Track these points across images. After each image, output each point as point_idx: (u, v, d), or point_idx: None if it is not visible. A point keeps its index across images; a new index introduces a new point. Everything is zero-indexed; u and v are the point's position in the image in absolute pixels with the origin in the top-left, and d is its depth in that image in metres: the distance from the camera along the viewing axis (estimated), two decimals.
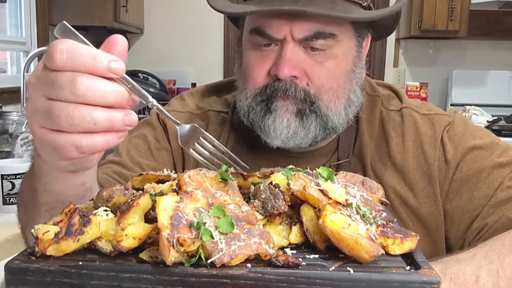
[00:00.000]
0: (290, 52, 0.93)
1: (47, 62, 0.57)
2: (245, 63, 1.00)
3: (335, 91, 0.96)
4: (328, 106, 0.96)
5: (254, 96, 0.98)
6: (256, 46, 0.97)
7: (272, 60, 0.95)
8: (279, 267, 0.51)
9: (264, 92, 0.97)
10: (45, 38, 3.13)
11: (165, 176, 0.68)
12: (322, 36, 0.93)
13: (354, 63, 0.99)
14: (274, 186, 0.60)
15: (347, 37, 0.97)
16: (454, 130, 1.02)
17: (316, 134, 0.97)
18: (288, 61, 0.92)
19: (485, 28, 3.79)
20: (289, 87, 0.93)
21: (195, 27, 3.79)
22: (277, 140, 0.97)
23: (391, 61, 3.93)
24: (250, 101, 0.98)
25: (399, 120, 1.04)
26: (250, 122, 1.00)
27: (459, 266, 0.74)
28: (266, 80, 0.96)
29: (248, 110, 0.99)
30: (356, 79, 1.01)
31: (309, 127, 0.96)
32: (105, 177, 1.01)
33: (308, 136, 0.97)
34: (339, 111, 0.98)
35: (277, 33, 0.93)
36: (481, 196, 0.96)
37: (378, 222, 0.60)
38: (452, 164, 0.99)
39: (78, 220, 0.54)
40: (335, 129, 0.99)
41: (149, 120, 1.15)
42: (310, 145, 1.01)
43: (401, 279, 0.51)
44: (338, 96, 0.97)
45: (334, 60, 0.95)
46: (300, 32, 0.92)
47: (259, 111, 0.98)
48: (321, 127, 0.97)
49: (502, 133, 3.16)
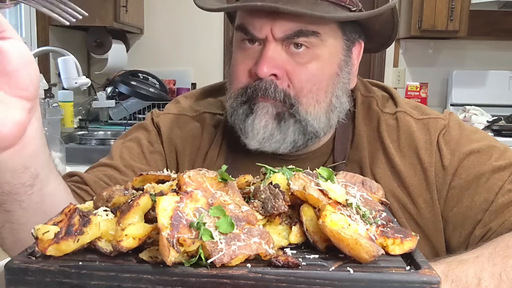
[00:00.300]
0: (271, 51, 0.93)
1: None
2: (232, 62, 1.01)
3: (315, 94, 0.96)
4: (307, 110, 0.95)
5: (236, 97, 0.98)
6: (241, 43, 0.98)
7: (254, 59, 0.95)
8: (279, 267, 0.51)
9: (245, 93, 0.97)
10: (45, 38, 3.13)
11: (165, 176, 0.68)
12: (303, 34, 0.92)
13: (340, 66, 0.98)
14: (274, 186, 0.60)
15: (333, 37, 0.96)
16: (450, 134, 1.01)
17: (295, 139, 0.97)
18: (268, 60, 0.92)
19: (485, 28, 3.79)
20: (269, 87, 0.93)
21: (195, 27, 3.79)
22: (253, 141, 0.96)
23: (391, 61, 3.93)
24: (232, 102, 0.99)
25: (394, 124, 1.03)
26: (233, 123, 1.00)
27: (462, 267, 0.74)
28: (248, 80, 0.97)
29: (231, 111, 1.00)
30: (341, 83, 0.99)
31: (286, 131, 0.96)
32: (96, 180, 1.01)
33: (286, 140, 0.97)
34: (319, 116, 0.97)
35: (259, 32, 0.94)
36: (482, 201, 0.95)
37: (378, 222, 0.60)
38: (449, 170, 0.98)
39: (78, 220, 0.54)
40: (316, 134, 0.98)
41: (143, 124, 1.15)
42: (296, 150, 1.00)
43: (401, 279, 0.51)
44: (318, 100, 0.96)
45: (317, 61, 0.95)
46: (281, 31, 0.92)
47: (241, 114, 0.98)
48: (300, 132, 0.96)
49: (502, 133, 3.16)
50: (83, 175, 1.02)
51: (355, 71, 1.04)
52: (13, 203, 0.74)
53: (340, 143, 1.04)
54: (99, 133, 3.18)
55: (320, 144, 1.05)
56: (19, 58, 0.64)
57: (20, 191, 0.73)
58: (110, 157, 1.10)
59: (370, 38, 1.05)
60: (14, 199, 0.74)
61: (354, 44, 1.02)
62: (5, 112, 0.64)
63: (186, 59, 3.84)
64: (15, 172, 0.71)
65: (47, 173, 0.77)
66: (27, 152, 0.71)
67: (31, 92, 0.67)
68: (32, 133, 0.69)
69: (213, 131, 1.11)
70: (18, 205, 0.74)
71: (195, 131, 1.11)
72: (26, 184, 0.73)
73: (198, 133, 1.11)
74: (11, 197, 0.73)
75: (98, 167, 1.07)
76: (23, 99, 0.66)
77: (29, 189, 0.74)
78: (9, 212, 0.75)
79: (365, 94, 1.09)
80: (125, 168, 1.06)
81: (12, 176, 0.71)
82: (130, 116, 3.37)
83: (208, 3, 0.98)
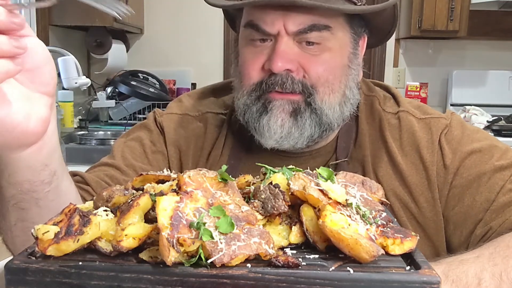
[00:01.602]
0: (284, 45, 0.92)
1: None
2: (241, 60, 1.00)
3: (331, 83, 0.96)
4: (323, 99, 0.95)
5: (250, 92, 0.97)
6: (251, 41, 0.97)
7: (267, 55, 0.95)
8: (279, 267, 0.51)
9: (259, 88, 0.96)
10: (45, 38, 3.13)
11: (165, 176, 0.68)
12: (316, 28, 0.92)
13: (349, 59, 0.99)
14: (274, 186, 0.60)
15: (342, 31, 0.97)
16: (452, 134, 1.01)
17: (312, 132, 0.97)
18: (281, 54, 0.92)
19: (485, 28, 3.78)
20: (286, 80, 0.93)
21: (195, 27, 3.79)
22: (271, 140, 0.96)
23: (391, 61, 3.92)
24: (245, 99, 0.98)
25: (396, 123, 1.04)
26: (246, 122, 1.00)
27: (462, 268, 0.74)
28: (261, 75, 0.96)
29: (244, 109, 0.99)
30: (352, 75, 1.00)
31: (303, 126, 0.96)
32: (97, 180, 1.01)
33: (303, 135, 0.96)
34: (333, 106, 0.97)
35: (271, 27, 0.93)
36: (483, 200, 0.96)
37: (378, 222, 0.60)
38: (451, 169, 0.99)
39: (78, 220, 0.54)
40: (330, 125, 0.98)
41: (146, 123, 1.14)
42: (307, 146, 1.00)
43: (401, 279, 0.51)
44: (333, 89, 0.96)
45: (329, 52, 0.95)
46: (294, 25, 0.92)
47: (254, 112, 0.97)
48: (316, 124, 0.96)
49: (502, 133, 3.15)
50: (84, 175, 1.02)
51: (360, 64, 1.05)
52: (30, 201, 0.75)
53: (343, 142, 1.04)
54: (99, 133, 3.18)
55: (325, 142, 1.05)
56: (41, 54, 0.65)
57: (38, 188, 0.74)
58: (111, 156, 1.09)
59: (371, 33, 1.06)
60: (32, 197, 0.74)
61: (360, 38, 1.02)
62: (30, 108, 0.65)
63: (186, 59, 3.84)
64: (35, 169, 0.72)
65: (62, 171, 0.78)
66: (47, 149, 0.72)
67: (51, 88, 0.68)
68: (51, 130, 0.71)
69: (216, 131, 1.10)
70: (35, 203, 0.75)
71: (198, 131, 1.11)
72: (45, 182, 0.74)
73: (201, 133, 1.11)
74: (29, 195, 0.74)
75: (100, 166, 1.07)
76: (45, 94, 0.67)
77: (47, 187, 0.75)
78: (23, 210, 0.76)
79: (367, 93, 1.09)
80: (126, 167, 1.05)
81: (32, 173, 0.73)
82: (130, 116, 3.36)
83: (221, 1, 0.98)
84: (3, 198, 0.76)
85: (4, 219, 0.78)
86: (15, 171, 0.72)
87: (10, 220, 0.78)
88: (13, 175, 0.72)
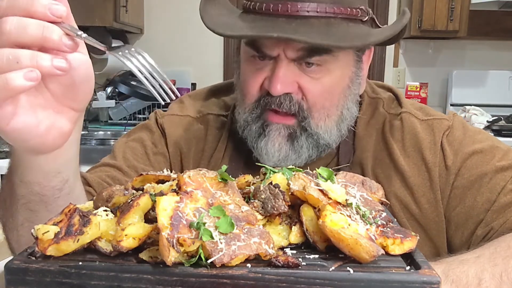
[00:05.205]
0: (284, 70, 0.92)
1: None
2: (242, 76, 1.01)
3: (327, 110, 0.97)
4: (318, 124, 0.96)
5: (251, 111, 0.98)
6: (251, 57, 0.97)
7: (266, 73, 0.95)
8: (279, 267, 0.51)
9: (258, 107, 0.97)
10: None
11: (165, 176, 0.68)
12: (317, 53, 0.92)
13: (351, 79, 0.99)
14: (274, 186, 0.60)
15: (344, 52, 0.96)
16: (454, 135, 1.02)
17: (310, 153, 0.98)
18: (281, 79, 0.92)
19: (485, 28, 3.78)
20: (283, 100, 0.93)
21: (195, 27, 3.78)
22: (269, 162, 0.97)
23: (391, 61, 3.92)
24: (246, 116, 0.99)
25: (399, 125, 1.04)
26: (245, 137, 1.01)
27: (462, 268, 0.74)
28: (260, 93, 0.97)
29: (244, 125, 1.00)
30: (352, 95, 1.00)
31: (300, 149, 0.97)
32: (99, 181, 1.01)
33: (301, 157, 0.98)
34: (330, 129, 0.98)
35: (271, 51, 0.93)
36: (484, 201, 0.96)
37: (378, 222, 0.60)
38: (452, 170, 0.99)
39: (78, 220, 0.54)
40: (328, 145, 0.99)
41: (147, 124, 1.14)
42: None
43: (401, 279, 0.51)
44: (329, 114, 0.97)
45: (329, 76, 0.95)
46: (293, 52, 0.92)
47: (254, 132, 0.98)
48: (313, 146, 0.97)
49: (502, 133, 3.16)
50: (86, 175, 1.02)
51: (365, 75, 1.05)
52: (40, 204, 0.75)
53: (345, 145, 1.04)
54: (99, 133, 3.18)
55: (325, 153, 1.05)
56: (82, 72, 0.65)
57: (48, 193, 0.74)
58: (113, 156, 1.09)
59: None
60: (41, 200, 0.75)
61: (364, 52, 1.02)
62: (54, 120, 0.65)
63: (186, 59, 3.84)
64: (47, 175, 0.73)
65: (75, 179, 0.79)
66: (63, 158, 0.72)
67: (83, 105, 0.69)
68: (71, 141, 0.71)
69: (217, 133, 1.11)
70: (44, 207, 0.75)
71: (199, 133, 1.11)
72: (56, 188, 0.74)
73: (202, 135, 1.11)
74: (38, 198, 0.74)
75: (101, 167, 1.07)
76: (73, 110, 0.67)
77: (57, 193, 0.75)
78: (32, 212, 0.76)
79: (371, 96, 1.10)
80: (128, 168, 1.05)
81: (44, 178, 0.73)
82: (130, 116, 3.37)
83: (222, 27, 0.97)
84: (14, 196, 0.76)
85: (12, 217, 0.79)
86: (27, 171, 0.72)
87: (18, 219, 0.78)
88: (25, 174, 0.73)
